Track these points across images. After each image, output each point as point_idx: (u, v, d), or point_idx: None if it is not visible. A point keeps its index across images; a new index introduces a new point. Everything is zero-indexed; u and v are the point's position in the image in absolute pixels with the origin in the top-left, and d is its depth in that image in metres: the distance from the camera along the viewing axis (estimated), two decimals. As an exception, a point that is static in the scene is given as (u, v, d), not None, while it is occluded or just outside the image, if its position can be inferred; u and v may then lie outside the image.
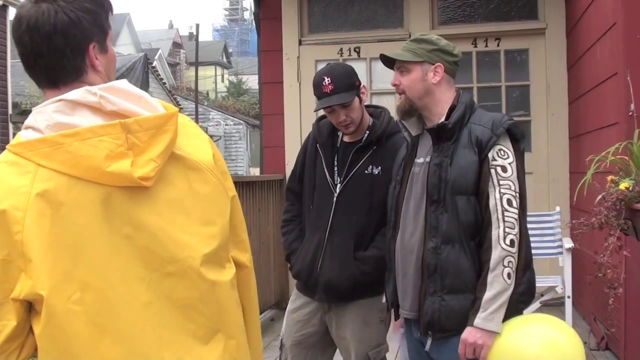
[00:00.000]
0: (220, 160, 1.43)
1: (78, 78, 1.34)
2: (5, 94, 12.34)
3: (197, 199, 1.35)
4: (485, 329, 2.12)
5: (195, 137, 1.41)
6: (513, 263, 2.15)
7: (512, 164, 2.22)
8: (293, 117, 6.22)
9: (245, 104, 30.79)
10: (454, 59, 2.39)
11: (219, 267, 1.38)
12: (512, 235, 2.16)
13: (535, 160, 6.11)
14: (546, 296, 4.29)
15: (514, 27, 6.14)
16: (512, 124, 2.26)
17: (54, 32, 1.28)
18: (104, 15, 1.35)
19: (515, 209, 2.19)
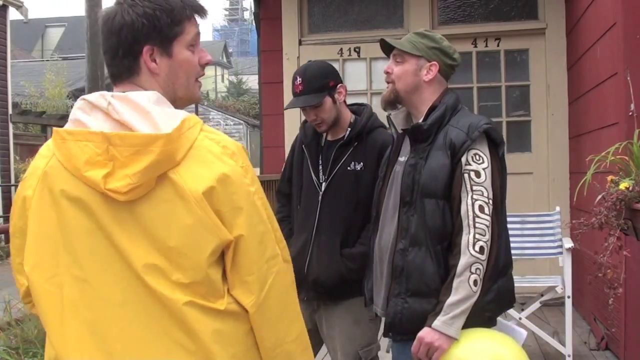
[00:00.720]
0: (227, 194, 1.33)
1: (129, 78, 1.40)
2: (5, 94, 12.34)
3: (175, 228, 1.31)
4: (443, 333, 2.08)
5: (206, 164, 1.32)
6: (481, 270, 2.09)
7: (486, 169, 2.15)
8: (293, 117, 6.21)
9: (245, 104, 30.78)
10: (452, 63, 2.35)
11: (202, 299, 1.33)
12: (482, 242, 2.09)
13: (535, 160, 6.11)
14: (546, 296, 4.29)
15: (514, 27, 6.14)
16: (489, 128, 2.19)
17: (111, 32, 1.38)
18: (167, 20, 1.37)
19: (487, 215, 2.12)
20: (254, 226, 1.35)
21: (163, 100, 1.37)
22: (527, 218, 4.80)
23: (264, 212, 1.38)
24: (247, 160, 1.40)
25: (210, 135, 1.36)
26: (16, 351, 3.75)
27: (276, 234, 1.41)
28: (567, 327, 4.18)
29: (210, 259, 1.33)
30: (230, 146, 1.36)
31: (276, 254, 1.39)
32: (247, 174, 1.37)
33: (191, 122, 1.33)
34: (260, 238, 1.36)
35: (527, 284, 4.75)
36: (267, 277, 1.37)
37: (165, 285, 1.31)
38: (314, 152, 2.86)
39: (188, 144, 1.31)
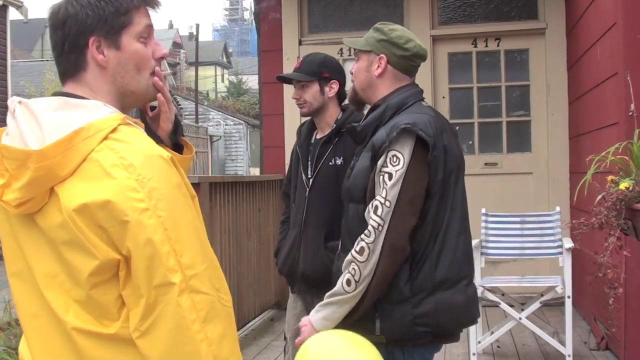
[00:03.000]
0: (106, 211, 1.17)
1: (76, 75, 1.33)
2: (5, 94, 12.33)
3: (60, 243, 1.22)
4: (309, 319, 2.06)
5: (90, 179, 1.19)
6: (356, 271, 1.97)
7: (399, 171, 1.99)
8: (293, 117, 6.21)
9: (245, 104, 30.80)
10: (403, 53, 2.17)
11: (90, 317, 1.23)
12: (364, 243, 1.97)
13: (535, 160, 6.11)
14: (546, 296, 4.29)
15: (514, 27, 6.14)
16: (408, 128, 2.00)
17: (57, 26, 1.32)
18: (111, 10, 1.31)
19: (378, 217, 1.97)
20: (140, 248, 1.17)
21: (70, 104, 1.26)
22: (527, 218, 4.80)
23: (158, 233, 1.17)
24: (155, 171, 1.20)
25: (112, 145, 1.21)
26: (16, 351, 3.75)
27: (180, 259, 1.19)
28: (567, 327, 4.18)
29: (92, 279, 1.20)
30: (130, 156, 1.19)
31: (169, 282, 1.17)
32: (141, 188, 1.17)
33: (90, 131, 1.20)
34: (147, 262, 1.17)
35: (527, 284, 4.75)
36: (155, 304, 1.18)
37: (61, 303, 1.23)
38: (305, 152, 3.00)
39: (79, 157, 1.20)
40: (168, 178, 1.22)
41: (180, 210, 1.22)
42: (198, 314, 1.19)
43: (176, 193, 1.22)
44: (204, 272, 1.22)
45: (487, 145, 6.28)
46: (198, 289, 1.20)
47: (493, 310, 5.11)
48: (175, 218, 1.20)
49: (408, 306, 2.02)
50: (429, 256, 2.04)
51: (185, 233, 1.21)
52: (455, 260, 2.07)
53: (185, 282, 1.19)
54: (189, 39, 43.12)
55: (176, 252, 1.19)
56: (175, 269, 1.18)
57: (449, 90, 6.29)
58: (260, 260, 5.47)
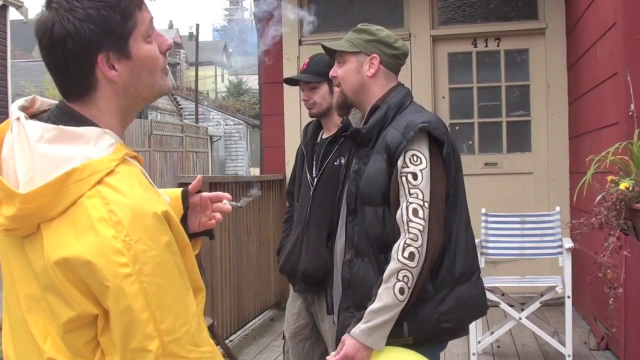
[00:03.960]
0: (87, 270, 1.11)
1: (84, 95, 1.22)
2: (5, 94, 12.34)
3: (41, 282, 1.17)
4: (361, 342, 1.95)
5: (75, 229, 1.12)
6: (409, 278, 1.94)
7: (423, 170, 2.00)
8: (293, 117, 6.22)
9: (245, 104, 30.82)
10: (394, 52, 2.19)
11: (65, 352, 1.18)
12: (413, 248, 1.95)
13: (535, 160, 6.11)
14: (546, 296, 4.29)
15: (514, 27, 6.15)
16: (426, 127, 2.03)
17: (53, 46, 1.18)
18: (116, 18, 1.18)
19: (421, 219, 1.96)
20: (119, 313, 1.12)
21: (68, 136, 1.16)
22: (527, 218, 4.80)
23: (139, 300, 1.12)
24: (144, 232, 1.13)
25: (105, 192, 1.12)
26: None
27: (160, 325, 1.14)
28: (567, 327, 4.18)
29: (67, 326, 1.16)
30: (120, 212, 1.11)
31: (145, 349, 1.12)
32: (127, 250, 1.10)
33: (84, 173, 1.12)
34: (125, 328, 1.12)
35: (527, 284, 4.76)
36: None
37: (40, 328, 1.19)
38: (310, 151, 2.99)
39: (69, 199, 1.12)
40: (157, 238, 1.14)
41: (166, 273, 1.15)
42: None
43: (164, 254, 1.15)
44: (184, 335, 1.16)
45: (487, 145, 6.29)
46: (176, 353, 1.15)
47: (493, 310, 5.08)
48: (160, 282, 1.14)
49: (433, 304, 2.03)
50: (447, 252, 2.06)
51: (169, 297, 1.15)
52: (468, 254, 2.10)
53: (162, 348, 1.14)
54: (189, 39, 43.09)
55: (156, 319, 1.13)
56: (153, 335, 1.13)
57: (449, 90, 6.29)
58: (260, 260, 5.48)
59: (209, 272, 4.28)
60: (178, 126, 20.54)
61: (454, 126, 6.26)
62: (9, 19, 12.96)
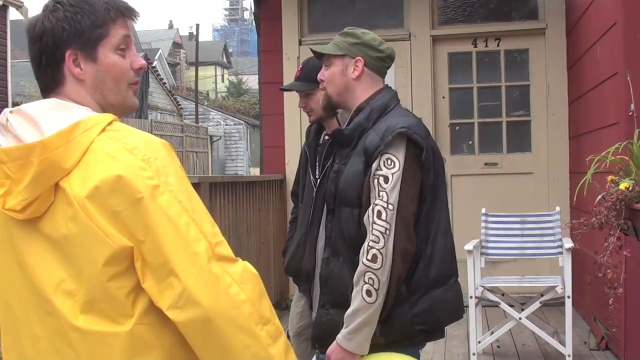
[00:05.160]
0: (117, 191, 1.17)
1: (56, 89, 1.33)
2: (5, 94, 12.35)
3: (69, 239, 1.21)
4: (344, 348, 1.98)
5: (96, 165, 1.20)
6: (374, 280, 1.95)
7: (394, 174, 2.01)
8: (293, 117, 6.22)
9: (245, 104, 30.82)
10: (379, 55, 2.20)
11: (102, 318, 1.21)
12: (375, 250, 1.96)
13: (535, 160, 6.11)
14: (546, 296, 4.29)
15: (514, 27, 6.14)
16: (404, 131, 2.03)
17: (34, 40, 1.32)
18: (88, 23, 1.30)
19: (383, 221, 1.97)
20: (158, 223, 1.18)
21: (63, 105, 1.28)
22: (527, 218, 4.80)
23: (173, 207, 1.19)
24: (158, 153, 1.23)
25: (111, 134, 1.24)
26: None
27: (202, 229, 1.21)
28: (567, 327, 4.18)
29: (106, 270, 1.19)
30: (132, 141, 1.22)
31: (193, 252, 1.18)
32: (149, 166, 1.20)
33: (88, 124, 1.23)
34: (166, 239, 1.18)
35: (527, 284, 4.76)
36: (185, 277, 1.18)
37: (70, 308, 1.21)
38: (313, 152, 2.99)
39: (81, 149, 1.21)
40: (171, 158, 1.25)
41: (189, 186, 1.25)
42: (233, 277, 1.21)
43: (181, 172, 1.25)
44: (225, 241, 1.24)
45: (487, 145, 6.28)
46: (226, 255, 1.23)
47: (493, 310, 5.11)
48: (187, 192, 1.23)
49: (406, 306, 2.04)
50: (423, 256, 2.07)
51: (199, 206, 1.24)
52: (445, 258, 2.11)
53: (212, 250, 1.20)
54: (189, 39, 43.12)
55: (196, 222, 1.20)
56: (198, 237, 1.20)
57: (449, 90, 6.29)
58: (260, 260, 5.47)
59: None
60: (178, 126, 20.55)
61: (454, 126, 6.26)
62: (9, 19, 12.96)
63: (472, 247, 4.37)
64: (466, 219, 5.78)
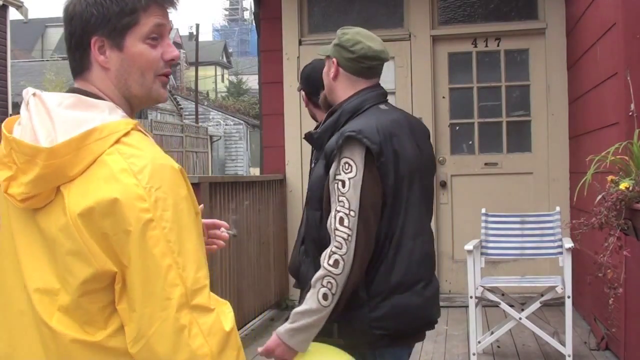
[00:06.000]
0: (110, 216, 1.15)
1: (82, 73, 1.31)
2: (5, 94, 12.35)
3: (57, 244, 1.20)
4: (284, 342, 1.99)
5: (98, 182, 1.17)
6: (333, 284, 1.96)
7: (352, 179, 1.99)
8: (293, 117, 6.22)
9: (245, 104, 30.81)
10: (350, 56, 2.16)
11: (75, 323, 1.20)
12: (337, 256, 1.96)
13: (535, 160, 6.11)
14: (546, 296, 4.29)
15: (514, 27, 6.14)
16: (352, 135, 2.01)
17: (66, 22, 1.31)
18: (116, 10, 1.27)
19: (346, 227, 1.97)
20: (140, 259, 1.14)
21: (84, 103, 1.25)
22: (527, 218, 4.80)
23: (159, 246, 1.15)
24: (163, 181, 1.18)
25: (123, 149, 1.19)
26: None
27: (182, 273, 1.16)
28: (567, 327, 4.18)
29: (84, 287, 1.18)
30: (140, 163, 1.17)
31: (166, 297, 1.14)
32: (148, 197, 1.15)
33: (103, 133, 1.19)
34: (145, 276, 1.14)
35: (527, 284, 4.76)
36: (151, 321, 1.14)
37: (46, 307, 1.21)
38: None
39: (90, 158, 1.18)
40: (176, 189, 1.19)
41: (185, 223, 1.19)
42: (200, 328, 1.16)
43: (183, 205, 1.19)
44: (208, 286, 1.19)
45: (487, 145, 6.28)
46: (201, 304, 1.17)
47: (493, 310, 5.12)
48: (180, 231, 1.17)
49: (365, 310, 2.04)
50: (384, 260, 2.05)
51: (190, 246, 1.18)
52: (412, 263, 2.07)
53: (186, 297, 1.15)
54: (189, 39, 43.07)
55: (178, 266, 1.16)
56: (175, 283, 1.15)
57: (449, 90, 6.29)
58: (260, 260, 5.47)
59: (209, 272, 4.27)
60: (178, 126, 20.54)
61: (454, 126, 6.26)
62: (9, 19, 12.96)
63: (472, 247, 4.37)
64: (466, 219, 5.78)
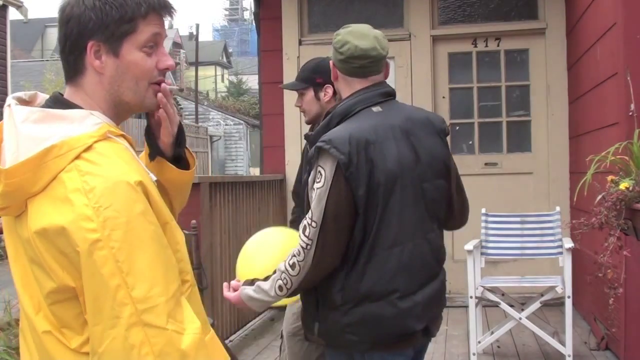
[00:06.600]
0: (61, 238, 1.16)
1: (74, 76, 1.31)
2: (5, 94, 12.34)
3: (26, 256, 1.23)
4: (243, 300, 2.15)
5: (53, 201, 1.18)
6: (288, 281, 2.05)
7: (319, 189, 2.01)
8: (293, 117, 6.21)
9: (245, 104, 30.80)
10: (340, 57, 2.16)
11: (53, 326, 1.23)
12: (295, 260, 2.03)
13: (535, 160, 6.11)
14: (546, 296, 4.29)
15: (514, 27, 6.14)
16: (321, 145, 2.02)
17: (61, 23, 1.30)
18: (115, 17, 1.26)
19: (306, 237, 2.01)
20: (89, 279, 1.15)
21: (51, 117, 1.23)
22: (527, 218, 4.80)
23: (107, 266, 1.14)
24: (115, 199, 1.16)
25: (81, 165, 1.18)
26: (16, 351, 3.75)
27: (131, 293, 1.14)
28: (567, 327, 4.18)
29: (51, 297, 1.21)
30: (93, 181, 1.16)
31: (115, 316, 1.13)
32: (96, 217, 1.14)
33: (62, 150, 1.18)
34: (94, 295, 1.15)
35: (527, 284, 4.76)
36: (102, 339, 1.15)
37: (31, 307, 1.25)
38: None
39: (49, 175, 1.18)
40: (130, 206, 1.17)
41: (139, 241, 1.16)
42: (152, 348, 1.14)
43: (137, 222, 1.17)
44: (163, 304, 1.16)
45: (487, 145, 6.28)
46: (152, 323, 1.14)
47: (493, 310, 5.12)
48: (131, 249, 1.15)
49: (338, 313, 2.06)
50: (356, 269, 2.04)
51: (142, 264, 1.16)
52: (385, 273, 2.04)
53: (137, 316, 1.14)
54: (189, 39, 43.07)
55: (127, 285, 1.14)
56: (124, 302, 1.13)
57: (449, 90, 6.29)
58: (260, 260, 5.47)
59: (209, 272, 4.28)
60: (178, 126, 20.48)
61: (454, 126, 6.26)
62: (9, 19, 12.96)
63: (472, 247, 4.37)
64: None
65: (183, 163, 1.53)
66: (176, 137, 1.49)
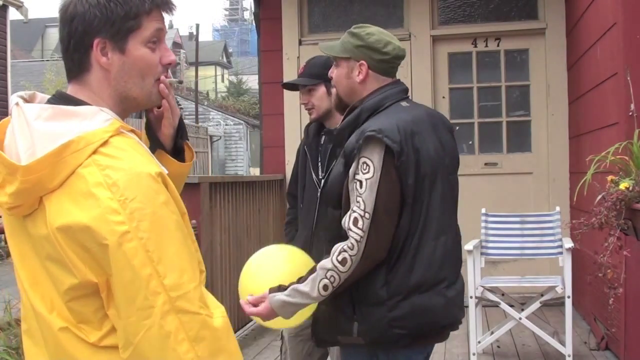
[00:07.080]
0: (86, 232, 1.16)
1: (79, 75, 1.31)
2: (5, 94, 12.34)
3: (42, 254, 1.23)
4: (274, 309, 2.06)
5: (73, 196, 1.18)
6: (335, 279, 1.99)
7: (369, 180, 1.98)
8: (293, 117, 6.22)
9: (245, 104, 30.80)
10: (383, 57, 2.16)
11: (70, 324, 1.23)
12: (347, 255, 1.97)
13: (535, 160, 6.11)
14: (546, 296, 4.29)
15: (514, 27, 6.15)
16: (373, 135, 2.00)
17: (64, 22, 1.29)
18: (121, 13, 1.27)
19: (359, 229, 1.97)
20: (119, 271, 1.15)
21: (63, 113, 1.23)
22: (527, 218, 4.80)
23: (138, 256, 1.15)
24: (139, 191, 1.17)
25: (100, 160, 1.19)
26: (16, 351, 3.75)
27: (164, 281, 1.16)
28: (567, 327, 4.18)
29: (70, 293, 1.21)
30: (114, 174, 1.17)
31: (149, 306, 1.15)
32: (123, 209, 1.15)
33: (80, 145, 1.18)
34: (126, 287, 1.16)
35: (527, 284, 4.76)
36: (137, 330, 1.16)
37: (44, 305, 1.24)
38: (314, 152, 2.94)
39: (67, 170, 1.18)
40: (153, 196, 1.18)
41: (165, 230, 1.19)
42: (187, 333, 1.16)
43: (162, 212, 1.19)
44: (194, 290, 1.19)
45: (487, 145, 6.28)
46: (186, 309, 1.17)
47: (493, 310, 5.12)
48: (160, 238, 1.17)
49: (384, 309, 2.02)
50: (404, 260, 2.03)
51: (171, 252, 1.18)
52: (433, 263, 2.05)
53: (170, 304, 1.16)
54: (189, 39, 43.10)
55: (159, 274, 1.16)
56: (157, 291, 1.15)
57: (449, 90, 6.29)
58: (260, 260, 5.47)
59: (208, 272, 4.28)
60: (178, 126, 20.48)
61: (454, 126, 6.26)
62: (9, 19, 12.96)
63: (472, 247, 4.37)
64: (466, 219, 5.74)
65: (181, 156, 1.55)
66: (177, 129, 1.51)
